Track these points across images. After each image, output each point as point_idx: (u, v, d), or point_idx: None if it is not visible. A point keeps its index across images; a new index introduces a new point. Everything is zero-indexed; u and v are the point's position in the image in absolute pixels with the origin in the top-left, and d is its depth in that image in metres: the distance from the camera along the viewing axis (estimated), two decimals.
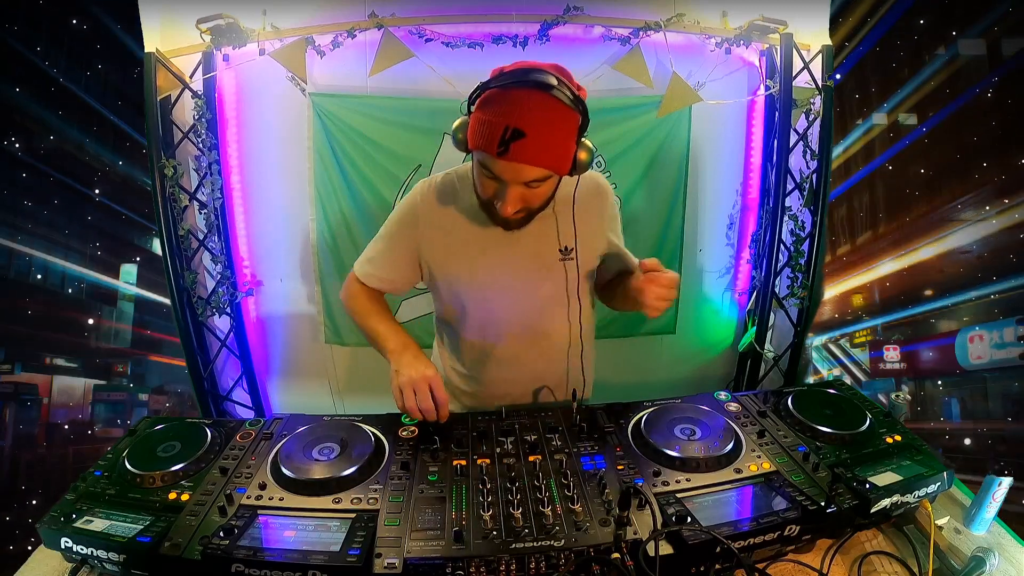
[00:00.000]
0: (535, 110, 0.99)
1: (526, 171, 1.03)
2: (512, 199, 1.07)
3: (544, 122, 0.99)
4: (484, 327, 1.34)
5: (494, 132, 0.98)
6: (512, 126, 0.97)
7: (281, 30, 2.56)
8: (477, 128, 1.03)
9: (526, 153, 0.99)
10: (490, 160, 1.03)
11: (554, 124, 1.00)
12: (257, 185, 2.82)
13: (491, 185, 1.08)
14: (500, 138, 0.98)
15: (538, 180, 1.05)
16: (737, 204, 2.97)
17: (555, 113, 1.00)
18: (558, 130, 1.01)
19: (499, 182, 1.06)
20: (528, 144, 0.98)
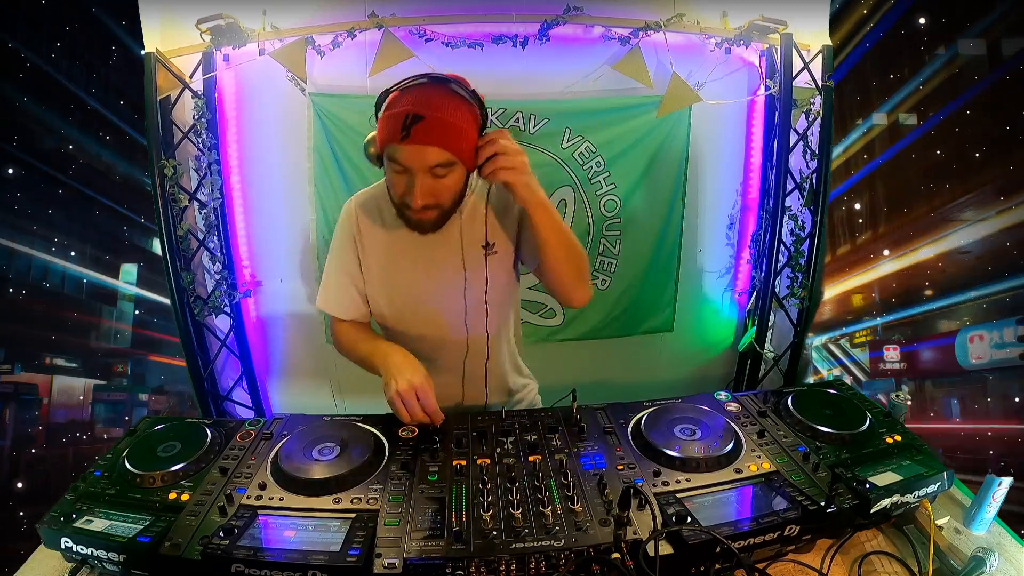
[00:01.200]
0: (432, 97, 1.08)
1: (428, 154, 1.07)
2: (421, 189, 1.10)
3: (440, 106, 1.07)
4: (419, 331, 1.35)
5: (396, 122, 1.06)
6: (411, 112, 1.05)
7: (281, 30, 2.56)
8: (382, 126, 1.11)
9: (427, 134, 1.06)
10: (396, 150, 1.09)
11: (450, 108, 1.08)
12: (257, 185, 2.82)
13: (401, 180, 1.12)
14: (402, 124, 1.05)
15: (442, 165, 1.09)
16: (737, 204, 2.98)
17: (451, 100, 1.09)
18: (455, 114, 1.08)
19: (407, 173, 1.10)
20: (427, 126, 1.05)
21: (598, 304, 2.95)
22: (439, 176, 1.10)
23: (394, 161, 1.10)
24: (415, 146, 1.07)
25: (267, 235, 2.87)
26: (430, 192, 1.11)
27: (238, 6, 2.52)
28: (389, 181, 1.16)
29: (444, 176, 1.11)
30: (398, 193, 1.15)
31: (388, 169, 1.14)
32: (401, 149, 1.08)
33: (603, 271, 2.92)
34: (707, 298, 3.06)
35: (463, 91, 1.12)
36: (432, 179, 1.10)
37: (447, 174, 1.11)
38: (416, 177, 1.10)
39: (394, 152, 1.09)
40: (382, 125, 1.11)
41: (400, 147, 1.07)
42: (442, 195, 1.14)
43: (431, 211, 1.15)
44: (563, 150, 2.76)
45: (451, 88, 1.10)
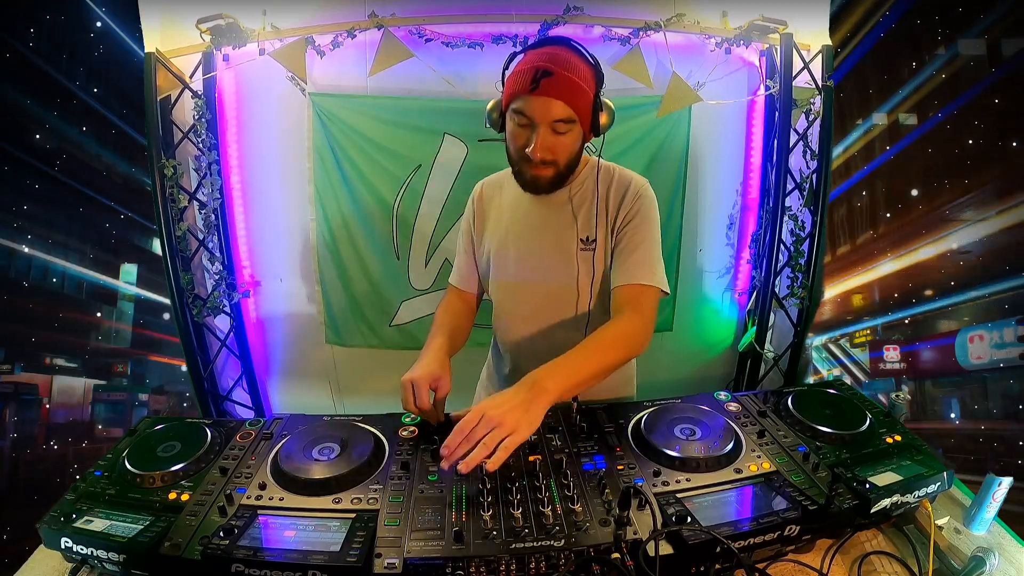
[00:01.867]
0: (560, 55, 1.16)
1: (553, 107, 1.14)
2: (542, 142, 1.17)
3: (567, 64, 1.14)
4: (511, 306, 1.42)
5: (526, 76, 1.14)
6: (541, 67, 1.13)
7: (281, 30, 2.56)
8: (511, 81, 1.18)
9: (554, 88, 1.13)
10: (524, 102, 1.15)
11: (575, 67, 1.15)
12: (257, 185, 2.82)
13: (523, 134, 1.19)
14: (532, 78, 1.13)
15: (564, 121, 1.16)
16: (737, 204, 2.97)
17: (575, 59, 1.17)
18: (579, 73, 1.16)
19: (530, 126, 1.17)
20: (555, 80, 1.13)
21: None
22: (559, 132, 1.17)
23: (519, 114, 1.16)
24: (542, 98, 1.13)
25: (267, 235, 2.87)
26: (550, 147, 1.18)
27: (238, 6, 2.52)
28: (510, 135, 1.22)
29: (564, 133, 1.18)
30: (519, 146, 1.20)
31: (511, 124, 1.21)
32: (528, 100, 1.14)
33: None
34: (707, 298, 3.06)
35: (583, 51, 1.19)
36: (553, 135, 1.17)
37: (567, 131, 1.18)
38: (539, 130, 1.16)
39: (521, 104, 1.16)
40: (511, 80, 1.18)
41: (528, 98, 1.14)
42: (560, 152, 1.20)
43: (548, 168, 1.21)
44: None
45: (577, 49, 1.18)
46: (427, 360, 1.20)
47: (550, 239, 1.35)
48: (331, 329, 2.90)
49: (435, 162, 2.72)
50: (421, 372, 1.16)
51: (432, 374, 1.16)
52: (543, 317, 1.40)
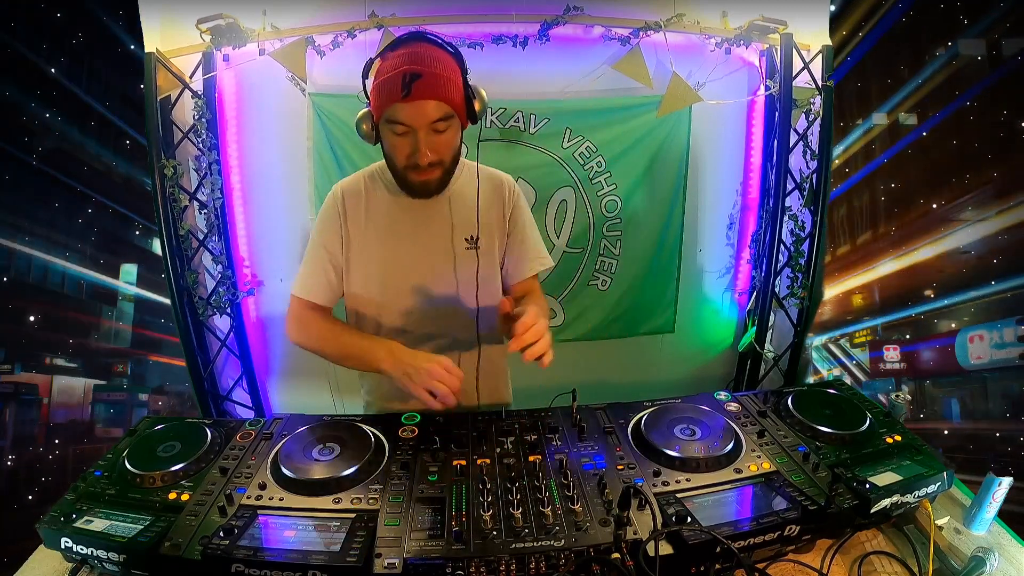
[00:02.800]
0: (423, 54, 1.12)
1: (430, 109, 1.11)
2: (427, 145, 1.14)
3: (433, 61, 1.12)
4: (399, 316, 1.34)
5: (395, 83, 1.10)
6: (408, 70, 1.09)
7: (281, 30, 2.56)
8: (378, 90, 1.13)
9: (427, 89, 1.10)
10: (398, 110, 1.11)
11: (441, 61, 1.13)
12: (257, 185, 2.82)
13: (404, 143, 1.15)
14: (401, 84, 1.09)
15: (443, 119, 1.13)
16: (737, 204, 2.97)
17: (438, 53, 1.14)
18: (447, 68, 1.13)
19: (410, 133, 1.13)
20: (426, 81, 1.09)
21: (599, 305, 2.95)
22: (439, 131, 1.15)
23: (396, 123, 1.13)
24: (417, 102, 1.10)
25: (267, 235, 2.87)
26: (434, 148, 1.15)
27: (238, 6, 2.52)
28: (391, 147, 1.18)
29: (444, 131, 1.15)
30: (403, 156, 1.17)
31: (388, 135, 1.16)
32: (403, 108, 1.11)
33: (603, 271, 2.92)
34: (707, 298, 3.06)
35: (439, 41, 1.16)
36: (434, 135, 1.14)
37: (447, 128, 1.15)
38: (420, 134, 1.13)
39: (396, 113, 1.12)
40: (378, 91, 1.13)
41: (402, 106, 1.10)
42: (444, 151, 1.18)
43: (436, 169, 1.18)
44: (563, 150, 2.76)
45: (435, 43, 1.15)
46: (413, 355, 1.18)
47: (434, 241, 1.32)
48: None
49: None
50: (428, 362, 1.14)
51: (438, 360, 1.15)
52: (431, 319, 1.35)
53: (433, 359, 1.14)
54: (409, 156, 1.16)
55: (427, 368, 1.13)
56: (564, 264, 2.88)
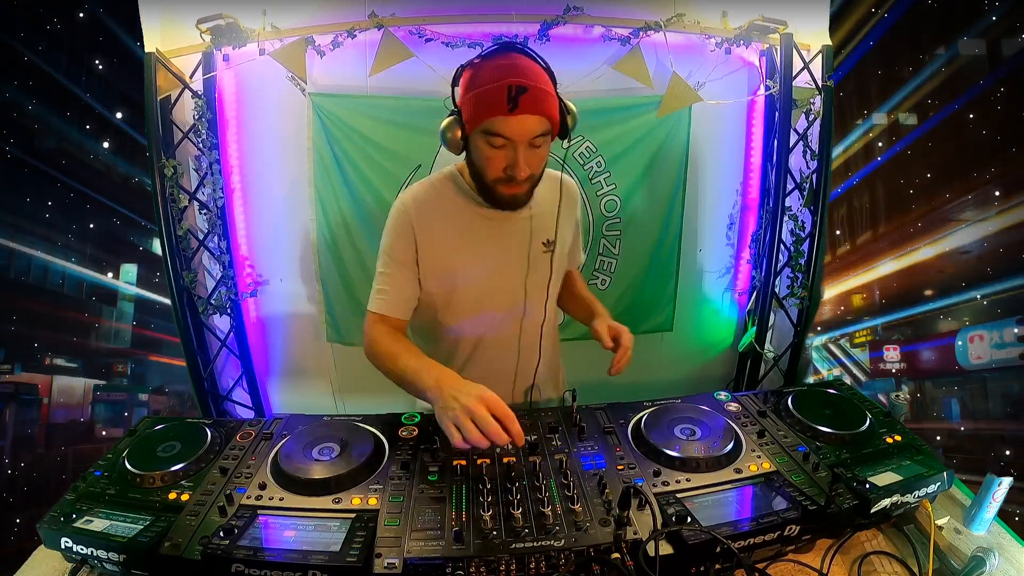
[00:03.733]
0: (525, 67, 1.09)
1: (534, 124, 1.09)
2: (527, 159, 1.12)
3: (537, 76, 1.10)
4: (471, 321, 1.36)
5: (499, 95, 1.06)
6: (515, 83, 1.06)
7: (281, 30, 2.56)
8: (478, 99, 1.09)
9: (533, 104, 1.07)
10: (500, 123, 1.08)
11: (541, 76, 1.11)
12: (257, 185, 2.82)
13: (500, 155, 1.13)
14: (507, 97, 1.05)
15: (541, 136, 1.12)
16: (737, 204, 2.97)
17: (537, 66, 1.12)
18: (546, 82, 1.12)
19: (509, 147, 1.11)
20: (532, 95, 1.07)
21: None
22: (536, 147, 1.13)
23: (495, 135, 1.10)
24: (521, 116, 1.07)
25: (267, 235, 2.87)
26: (530, 162, 1.13)
27: (238, 6, 2.52)
28: (484, 159, 1.15)
29: (540, 147, 1.14)
30: (498, 168, 1.14)
31: (482, 146, 1.13)
32: (506, 121, 1.08)
33: (603, 271, 2.92)
34: (707, 298, 3.06)
35: (539, 58, 1.14)
36: (531, 150, 1.13)
37: (542, 144, 1.14)
38: (519, 148, 1.10)
39: (497, 125, 1.09)
40: (479, 100, 1.09)
41: (506, 120, 1.08)
42: (537, 165, 1.17)
43: (526, 183, 1.17)
44: (563, 150, 2.74)
45: (532, 56, 1.12)
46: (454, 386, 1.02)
47: (512, 247, 1.32)
48: (332, 327, 2.90)
49: (435, 162, 2.72)
50: (466, 399, 0.97)
51: (479, 396, 0.97)
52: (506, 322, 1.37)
53: (480, 396, 0.97)
54: (505, 169, 1.13)
55: (465, 405, 0.96)
56: None
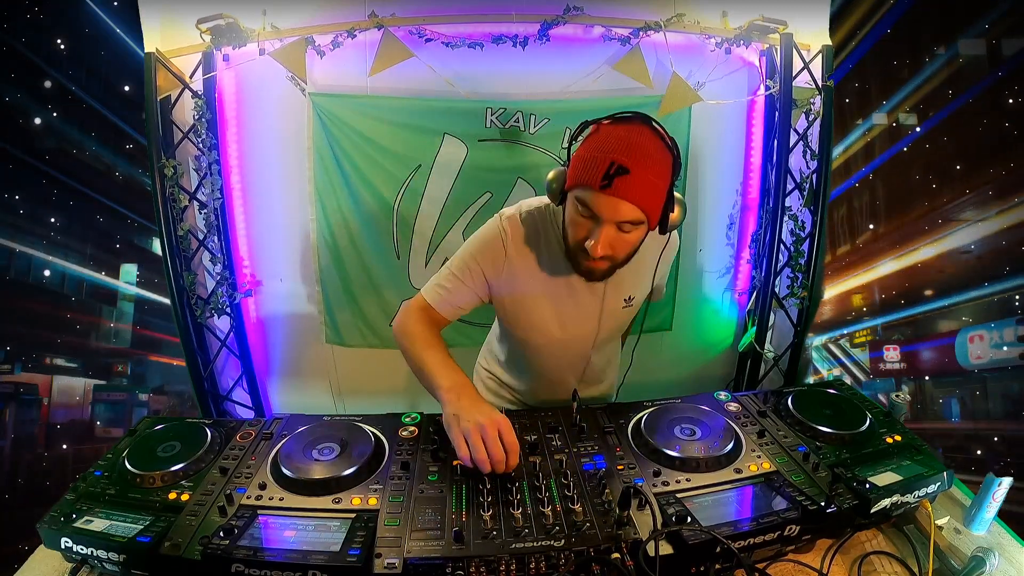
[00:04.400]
0: (640, 147, 1.01)
1: (624, 209, 1.03)
2: (605, 240, 1.06)
3: (647, 161, 1.01)
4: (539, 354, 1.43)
5: (599, 166, 1.00)
6: (618, 161, 0.99)
7: (281, 30, 2.56)
8: (581, 164, 1.05)
9: (629, 190, 1.01)
10: (591, 196, 1.04)
11: (654, 161, 1.02)
12: (257, 185, 2.82)
13: (585, 225, 1.08)
14: (605, 172, 1.00)
15: (631, 223, 1.05)
16: (737, 204, 2.97)
17: (657, 153, 1.03)
18: (658, 171, 1.03)
19: (595, 221, 1.06)
20: (631, 180, 1.00)
21: None
22: (624, 232, 1.07)
23: (584, 205, 1.06)
24: (613, 199, 1.01)
25: (267, 235, 2.87)
26: (612, 244, 1.08)
27: (238, 6, 2.52)
28: (570, 221, 1.12)
29: (629, 232, 1.08)
30: (578, 236, 1.10)
31: (571, 209, 1.10)
32: (597, 197, 1.03)
33: None
34: (707, 298, 3.06)
35: (665, 134, 1.06)
36: (617, 232, 1.06)
37: (632, 230, 1.08)
38: (603, 227, 1.05)
39: (587, 197, 1.04)
40: (580, 164, 1.05)
41: (597, 194, 1.02)
42: (621, 249, 1.11)
43: (605, 262, 1.12)
44: (563, 150, 2.75)
45: (657, 131, 1.05)
46: (473, 404, 1.05)
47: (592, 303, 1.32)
48: (331, 329, 2.90)
49: (435, 162, 2.72)
50: (484, 418, 1.00)
51: (493, 419, 1.01)
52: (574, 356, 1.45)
53: (494, 419, 1.00)
54: (584, 240, 1.08)
55: (479, 422, 0.99)
56: None
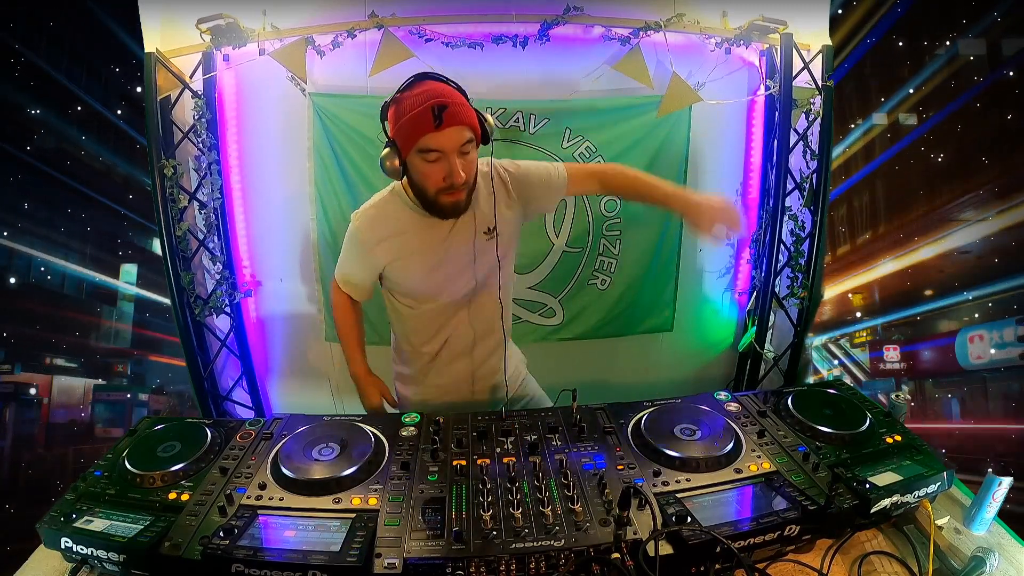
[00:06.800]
0: (440, 89, 1.25)
1: (459, 133, 1.23)
2: (458, 165, 1.25)
3: (450, 93, 1.25)
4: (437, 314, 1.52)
5: (425, 115, 1.20)
6: (436, 103, 1.21)
7: (281, 30, 2.56)
8: (408, 124, 1.23)
9: (455, 117, 1.22)
10: (430, 139, 1.22)
11: (454, 92, 1.27)
12: (257, 185, 2.82)
13: (436, 168, 1.26)
14: (432, 116, 1.20)
15: (468, 143, 1.26)
16: (737, 204, 2.97)
17: (449, 87, 1.27)
18: (460, 97, 1.27)
19: (442, 159, 1.24)
20: (453, 110, 1.22)
21: (598, 304, 2.94)
22: (465, 154, 1.26)
23: (429, 151, 1.23)
24: (448, 129, 1.21)
25: (267, 235, 2.87)
26: (464, 169, 1.26)
27: (238, 6, 2.52)
28: (423, 175, 1.28)
29: (468, 153, 1.27)
30: (436, 181, 1.27)
31: (419, 164, 1.27)
32: (436, 136, 1.21)
33: (603, 271, 2.92)
34: (707, 298, 3.05)
35: (449, 80, 1.29)
36: (462, 157, 1.25)
37: (470, 151, 1.28)
38: (451, 158, 1.24)
39: (428, 141, 1.22)
40: (409, 124, 1.23)
41: (435, 134, 1.21)
42: (469, 171, 1.29)
43: (463, 189, 1.30)
44: (563, 150, 2.75)
45: (443, 79, 1.29)
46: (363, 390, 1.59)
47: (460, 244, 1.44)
48: (331, 326, 2.90)
49: None
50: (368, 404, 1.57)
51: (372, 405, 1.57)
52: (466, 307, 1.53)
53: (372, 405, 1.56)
54: (444, 179, 1.26)
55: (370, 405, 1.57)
56: (564, 263, 2.88)
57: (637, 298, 2.96)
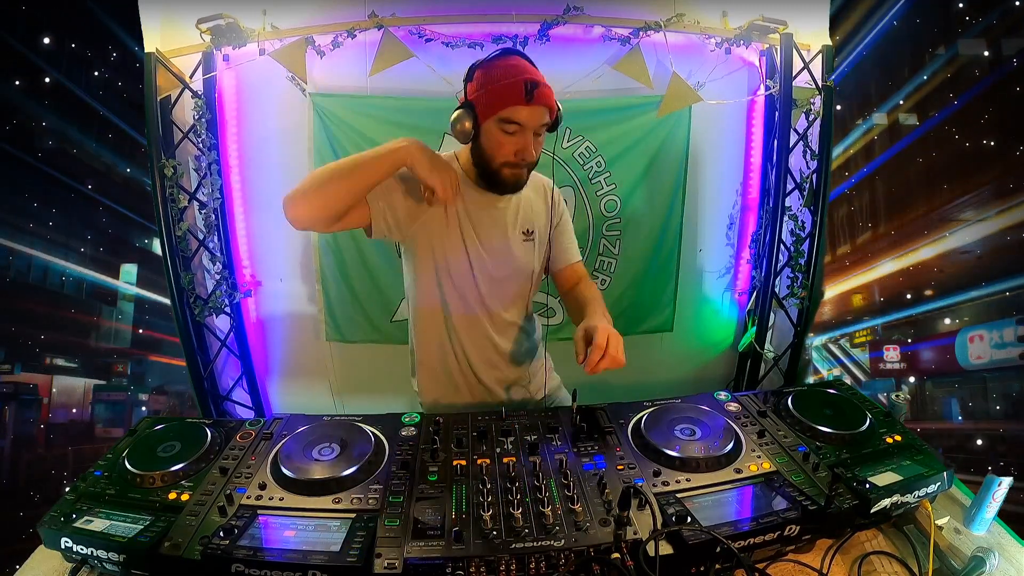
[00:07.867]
0: (531, 68, 1.28)
1: (543, 114, 1.27)
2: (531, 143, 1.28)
3: (540, 74, 1.29)
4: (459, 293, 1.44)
5: (517, 88, 1.23)
6: (530, 79, 1.24)
7: (281, 30, 2.56)
8: (498, 91, 1.25)
9: (545, 97, 1.25)
10: (518, 111, 1.24)
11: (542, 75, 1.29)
12: (257, 185, 2.82)
13: (512, 140, 1.28)
14: (525, 90, 1.23)
15: (545, 125, 1.29)
16: (737, 204, 2.97)
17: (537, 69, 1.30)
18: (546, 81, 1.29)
19: (520, 133, 1.26)
20: (543, 91, 1.25)
21: None
22: (538, 135, 1.30)
23: (511, 123, 1.25)
24: (536, 107, 1.24)
25: (267, 235, 2.87)
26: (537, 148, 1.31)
27: (238, 6, 2.52)
28: (496, 144, 1.29)
29: (540, 135, 1.31)
30: (509, 152, 1.29)
31: (495, 133, 1.27)
32: (523, 110, 1.24)
33: (603, 271, 2.92)
34: (707, 298, 3.06)
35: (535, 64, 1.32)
36: (535, 137, 1.30)
37: (542, 132, 1.31)
38: (529, 135, 1.27)
39: (514, 114, 1.24)
40: (499, 91, 1.24)
41: (523, 108, 1.24)
42: (538, 152, 1.33)
43: (525, 168, 1.34)
44: (563, 150, 2.76)
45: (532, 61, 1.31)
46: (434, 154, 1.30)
47: (497, 227, 1.44)
48: (331, 326, 2.90)
49: None
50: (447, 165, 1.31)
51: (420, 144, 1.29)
52: (492, 301, 1.47)
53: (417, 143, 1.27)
54: (516, 153, 1.29)
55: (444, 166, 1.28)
56: None
57: (637, 298, 2.96)
